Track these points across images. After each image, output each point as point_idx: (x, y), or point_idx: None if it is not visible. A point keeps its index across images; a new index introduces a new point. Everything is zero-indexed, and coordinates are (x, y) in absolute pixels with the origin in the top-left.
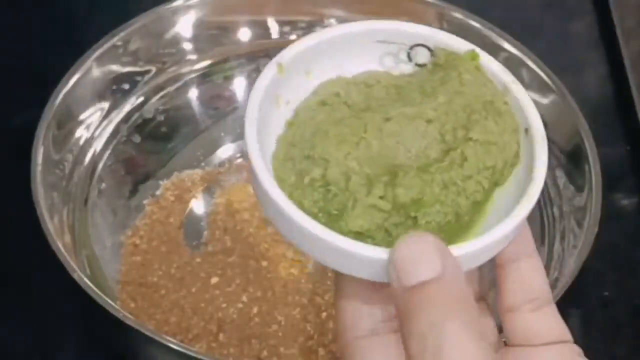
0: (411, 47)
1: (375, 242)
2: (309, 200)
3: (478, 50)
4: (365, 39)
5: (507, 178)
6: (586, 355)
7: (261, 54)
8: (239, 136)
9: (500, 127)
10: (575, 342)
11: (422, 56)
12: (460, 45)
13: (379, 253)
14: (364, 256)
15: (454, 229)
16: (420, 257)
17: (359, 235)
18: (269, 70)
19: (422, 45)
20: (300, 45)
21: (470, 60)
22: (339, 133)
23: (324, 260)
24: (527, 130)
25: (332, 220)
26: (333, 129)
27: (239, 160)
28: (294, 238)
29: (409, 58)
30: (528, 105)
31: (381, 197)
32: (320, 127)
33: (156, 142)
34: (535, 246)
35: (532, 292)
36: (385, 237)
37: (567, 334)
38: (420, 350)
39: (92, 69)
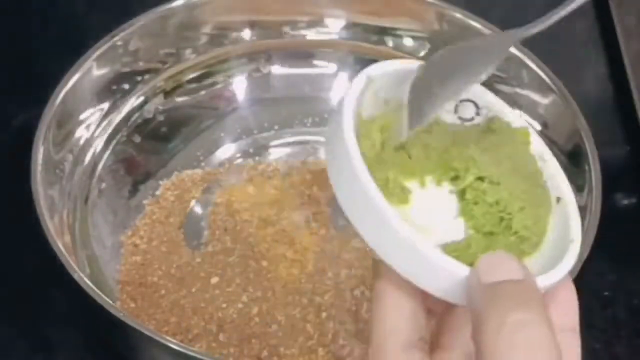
0: (461, 101)
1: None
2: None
3: (530, 130)
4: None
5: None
6: (586, 355)
7: (261, 54)
8: (239, 136)
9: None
10: None
11: (469, 111)
12: (509, 112)
13: (461, 267)
14: (446, 269)
15: None
16: (504, 261)
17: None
18: (359, 82)
19: (471, 101)
20: (383, 66)
21: (522, 136)
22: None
23: (390, 259)
24: (559, 199)
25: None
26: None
27: (239, 160)
28: (369, 231)
29: (455, 110)
30: (561, 176)
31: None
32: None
33: (156, 142)
34: (578, 326)
35: None
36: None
37: None
38: (493, 341)
39: (92, 69)
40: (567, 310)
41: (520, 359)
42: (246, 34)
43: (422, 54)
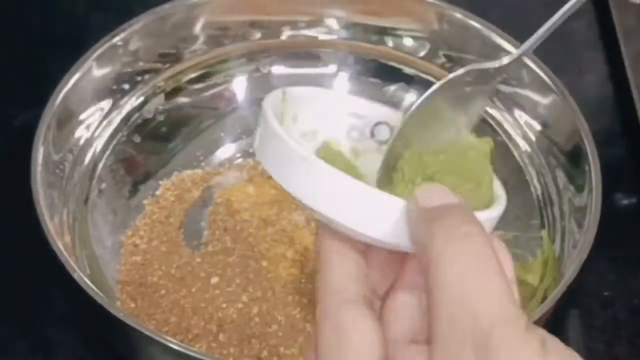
0: (375, 124)
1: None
2: None
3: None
4: (342, 109)
5: None
6: (586, 355)
7: (261, 54)
8: (239, 136)
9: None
10: (576, 342)
11: (384, 134)
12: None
13: (399, 200)
14: (384, 203)
15: None
16: (439, 189)
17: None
18: (276, 94)
19: (385, 123)
20: (300, 92)
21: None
22: None
23: (325, 208)
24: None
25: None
26: None
27: (239, 160)
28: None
29: (371, 134)
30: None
31: None
32: None
33: (156, 142)
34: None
35: None
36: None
37: None
38: (441, 255)
39: (92, 69)
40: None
41: (468, 267)
42: (246, 34)
43: (422, 54)
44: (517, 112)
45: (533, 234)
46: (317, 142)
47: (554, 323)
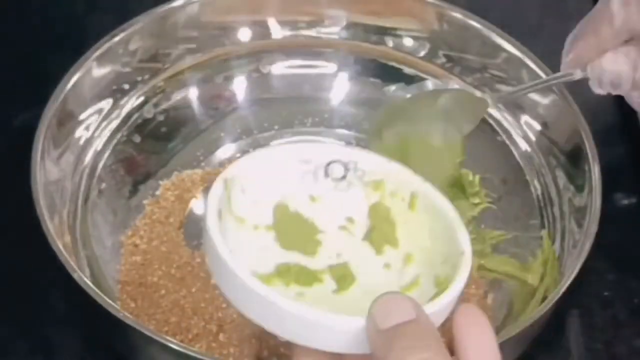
0: (328, 164)
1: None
2: None
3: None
4: (289, 160)
5: None
6: (586, 355)
7: (261, 54)
8: (239, 136)
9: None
10: (576, 342)
11: (338, 171)
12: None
13: (353, 321)
14: (337, 326)
15: None
16: (396, 303)
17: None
18: (218, 186)
19: (337, 161)
20: (239, 165)
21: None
22: None
23: (282, 331)
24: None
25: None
26: None
27: None
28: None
29: (325, 173)
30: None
31: None
32: None
33: (156, 142)
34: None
35: None
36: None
37: None
38: None
39: (92, 69)
40: (482, 342)
41: None
42: (246, 34)
43: (422, 54)
44: (517, 112)
45: (533, 233)
46: (272, 203)
47: (554, 323)
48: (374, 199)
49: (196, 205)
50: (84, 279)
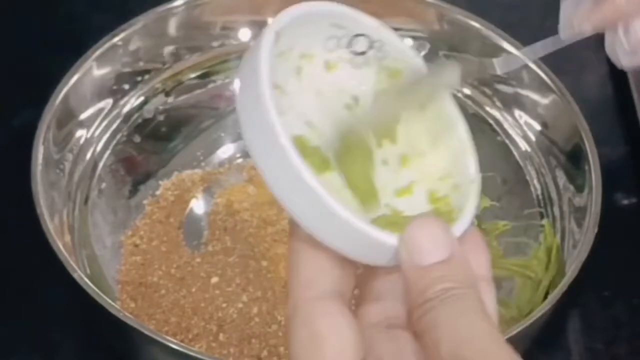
0: (355, 36)
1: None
2: None
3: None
4: (326, 20)
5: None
6: (586, 355)
7: None
8: (239, 136)
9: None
10: (575, 342)
11: (361, 45)
12: (402, 47)
13: (389, 237)
14: (374, 239)
15: None
16: (433, 239)
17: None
18: (269, 37)
19: (364, 35)
20: (288, 15)
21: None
22: None
23: (320, 234)
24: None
25: None
26: None
27: (239, 160)
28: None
29: (349, 44)
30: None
31: None
32: None
33: (156, 142)
34: (491, 274)
35: None
36: None
37: None
38: (432, 322)
39: (92, 69)
40: (480, 262)
41: (463, 335)
42: (246, 34)
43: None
44: (517, 112)
45: (534, 221)
46: (293, 58)
47: (554, 323)
48: (384, 86)
49: (196, 205)
50: (84, 279)
